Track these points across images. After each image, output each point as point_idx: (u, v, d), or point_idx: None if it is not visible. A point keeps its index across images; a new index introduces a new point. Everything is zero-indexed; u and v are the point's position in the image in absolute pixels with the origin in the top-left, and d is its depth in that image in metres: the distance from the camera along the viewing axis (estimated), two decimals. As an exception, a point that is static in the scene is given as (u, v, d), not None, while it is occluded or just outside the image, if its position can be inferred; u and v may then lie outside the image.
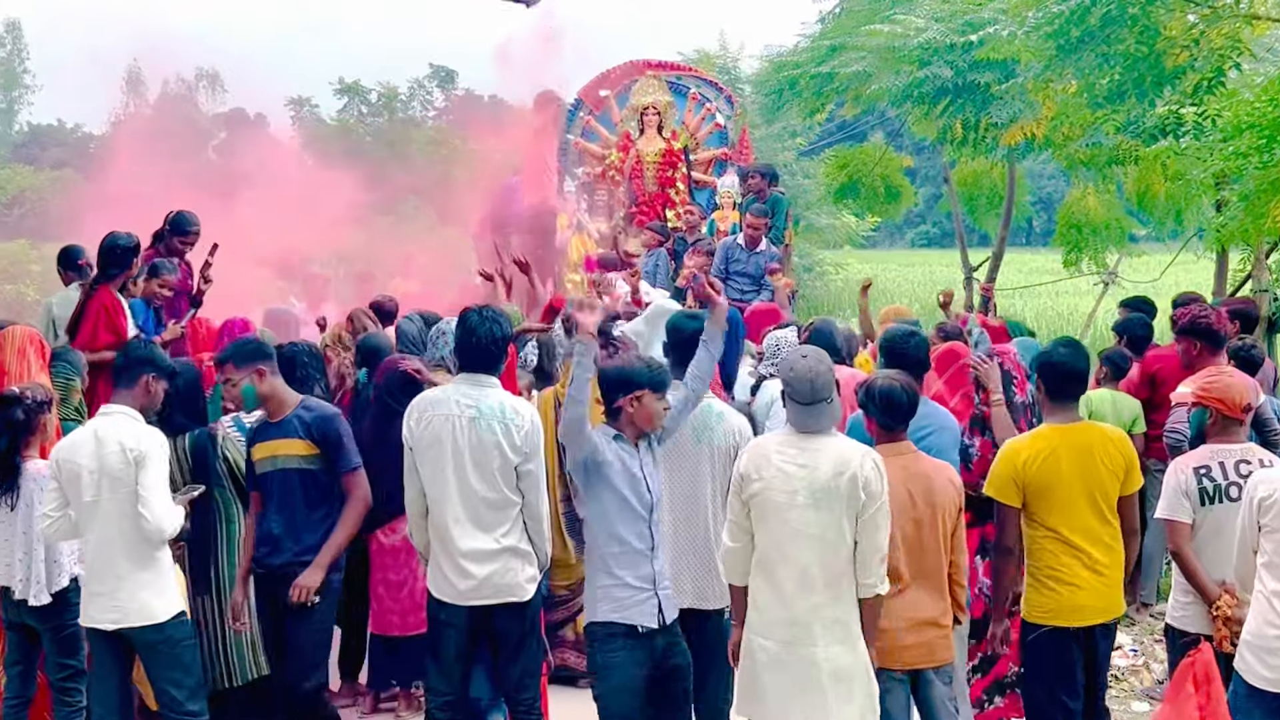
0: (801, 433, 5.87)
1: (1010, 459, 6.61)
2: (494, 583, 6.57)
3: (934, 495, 6.22)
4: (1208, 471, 6.71)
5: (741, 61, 37.76)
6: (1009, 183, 21.60)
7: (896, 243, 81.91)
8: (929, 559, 6.23)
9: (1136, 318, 11.00)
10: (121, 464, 6.57)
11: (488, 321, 6.67)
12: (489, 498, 6.57)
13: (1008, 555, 6.61)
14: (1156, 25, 9.58)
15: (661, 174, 16.72)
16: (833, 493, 5.74)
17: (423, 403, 6.74)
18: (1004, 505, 6.59)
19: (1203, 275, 20.43)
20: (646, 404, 6.30)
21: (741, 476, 5.91)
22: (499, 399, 6.66)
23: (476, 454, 6.54)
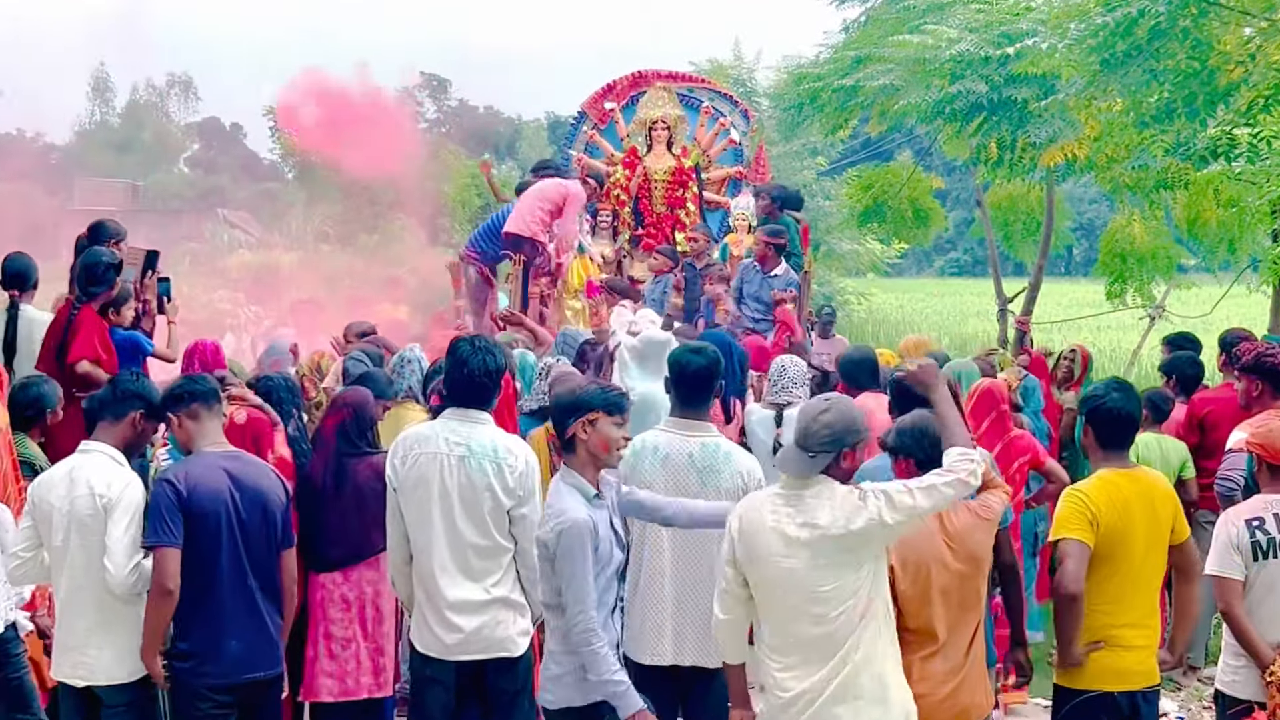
0: (797, 480, 5.72)
1: (1083, 500, 6.47)
2: (483, 636, 6.53)
3: (971, 550, 6.16)
4: (1261, 524, 6.69)
5: (757, 73, 37.85)
6: (1047, 207, 21.60)
7: (924, 270, 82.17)
8: (969, 615, 6.19)
9: (1185, 356, 10.98)
10: (89, 509, 6.52)
11: (480, 352, 6.63)
12: (478, 544, 6.54)
13: (1075, 602, 6.41)
14: (1209, 39, 9.60)
15: (671, 194, 16.72)
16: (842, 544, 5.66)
17: (408, 439, 6.70)
18: (1077, 545, 6.45)
19: (1257, 310, 20.46)
20: (601, 428, 6.14)
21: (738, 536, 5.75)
22: (491, 436, 6.63)
23: (466, 496, 6.51)
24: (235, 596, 6.57)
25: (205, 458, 6.61)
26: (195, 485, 6.45)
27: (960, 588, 6.12)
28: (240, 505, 6.55)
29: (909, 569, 5.98)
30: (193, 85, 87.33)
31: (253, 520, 6.60)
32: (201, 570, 6.48)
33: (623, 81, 17.76)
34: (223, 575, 6.53)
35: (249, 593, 6.62)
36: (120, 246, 10.27)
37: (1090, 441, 6.71)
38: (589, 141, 17.58)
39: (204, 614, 6.52)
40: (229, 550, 6.53)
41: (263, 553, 6.68)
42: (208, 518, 6.45)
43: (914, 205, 23.26)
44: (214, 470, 6.55)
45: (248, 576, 6.60)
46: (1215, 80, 9.63)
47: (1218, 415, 9.67)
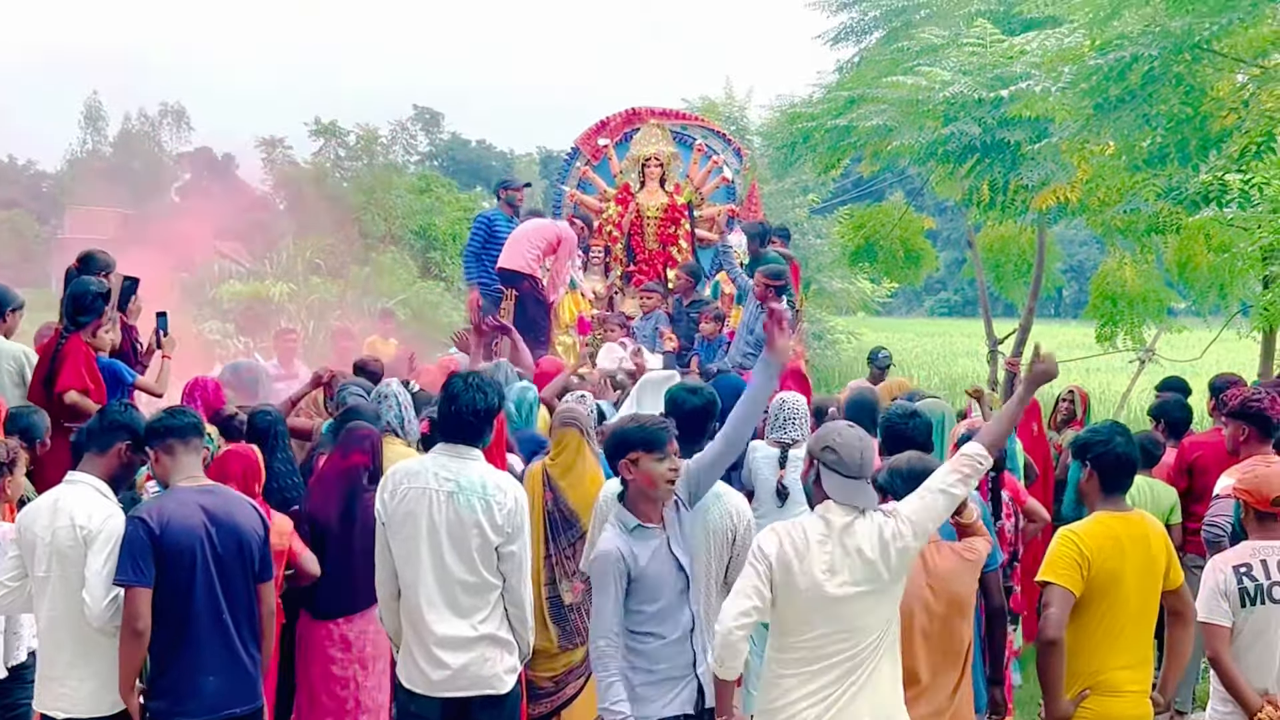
0: (840, 508, 5.74)
1: (1074, 543, 6.50)
2: (470, 673, 6.51)
3: (953, 592, 6.20)
4: (1249, 570, 6.70)
5: (750, 111, 37.99)
6: (1039, 249, 21.64)
7: (914, 310, 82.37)
8: (950, 658, 6.20)
9: (1174, 400, 10.99)
10: (70, 541, 6.48)
11: (472, 390, 6.62)
12: (466, 580, 6.53)
13: (1055, 649, 6.43)
14: (1202, 85, 9.64)
15: (663, 230, 16.71)
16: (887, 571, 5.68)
17: (398, 474, 6.69)
18: (1061, 592, 6.47)
19: (1246, 355, 20.50)
20: (644, 467, 6.20)
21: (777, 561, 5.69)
22: (481, 473, 6.62)
23: (454, 532, 6.50)
24: (211, 632, 6.53)
25: (180, 493, 6.58)
26: (169, 521, 6.41)
27: (943, 631, 6.14)
28: (216, 540, 6.51)
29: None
30: (185, 115, 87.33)
31: (229, 554, 6.56)
32: (176, 607, 6.44)
33: (616, 118, 17.79)
34: (198, 611, 6.49)
35: (225, 628, 6.57)
36: (109, 278, 10.27)
37: (1092, 486, 6.71)
38: (582, 177, 17.60)
39: (180, 651, 6.48)
40: (204, 586, 6.49)
41: (240, 587, 6.64)
42: (182, 554, 6.41)
43: (905, 245, 23.29)
44: (188, 506, 6.51)
45: (223, 612, 6.56)
46: (1207, 126, 9.67)
47: (1207, 460, 9.68)
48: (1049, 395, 14.62)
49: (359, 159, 37.14)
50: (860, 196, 35.01)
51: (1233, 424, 8.69)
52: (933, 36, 15.46)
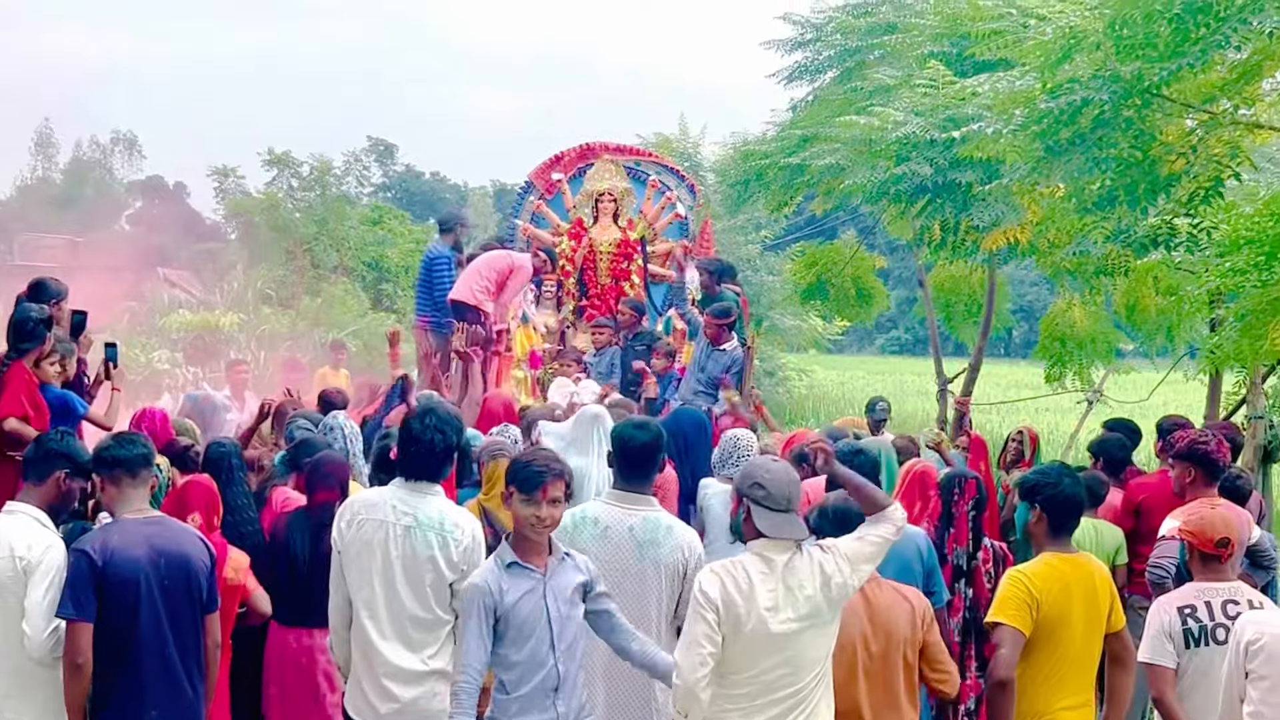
0: (777, 541, 5.78)
1: (1024, 584, 6.59)
2: (419, 708, 6.51)
3: (891, 628, 6.23)
4: (1193, 611, 6.75)
5: (704, 148, 38.07)
6: (989, 289, 21.72)
7: (865, 348, 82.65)
8: (891, 696, 6.23)
9: (1114, 439, 11.06)
10: (9, 571, 6.44)
11: (430, 429, 6.63)
12: (418, 616, 6.52)
13: (1005, 689, 6.52)
14: (1152, 130, 9.70)
15: (616, 266, 16.78)
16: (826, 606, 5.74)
17: (356, 504, 6.70)
18: (1012, 632, 6.53)
19: (1194, 397, 20.60)
20: (514, 504, 6.12)
21: (722, 604, 5.70)
22: (440, 508, 6.63)
23: (409, 566, 6.50)
24: (155, 665, 6.49)
25: (125, 525, 6.55)
26: (112, 554, 6.37)
27: (883, 669, 6.20)
28: (162, 571, 6.48)
29: (835, 648, 6.03)
30: (137, 143, 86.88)
31: (175, 586, 6.53)
32: (119, 640, 6.41)
33: (570, 153, 17.84)
34: (142, 645, 6.45)
35: (170, 661, 6.54)
36: (61, 306, 10.20)
37: (1040, 527, 6.78)
38: (535, 211, 17.63)
39: (123, 684, 6.44)
40: (148, 618, 6.45)
41: (186, 619, 6.61)
42: (125, 587, 6.37)
43: (857, 283, 23.32)
44: (133, 537, 6.48)
45: (168, 644, 6.53)
46: (1157, 170, 9.73)
47: (1153, 501, 9.74)
48: (998, 435, 14.70)
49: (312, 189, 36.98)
50: (812, 234, 35.10)
51: (1179, 466, 8.77)
52: (886, 77, 15.52)
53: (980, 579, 8.14)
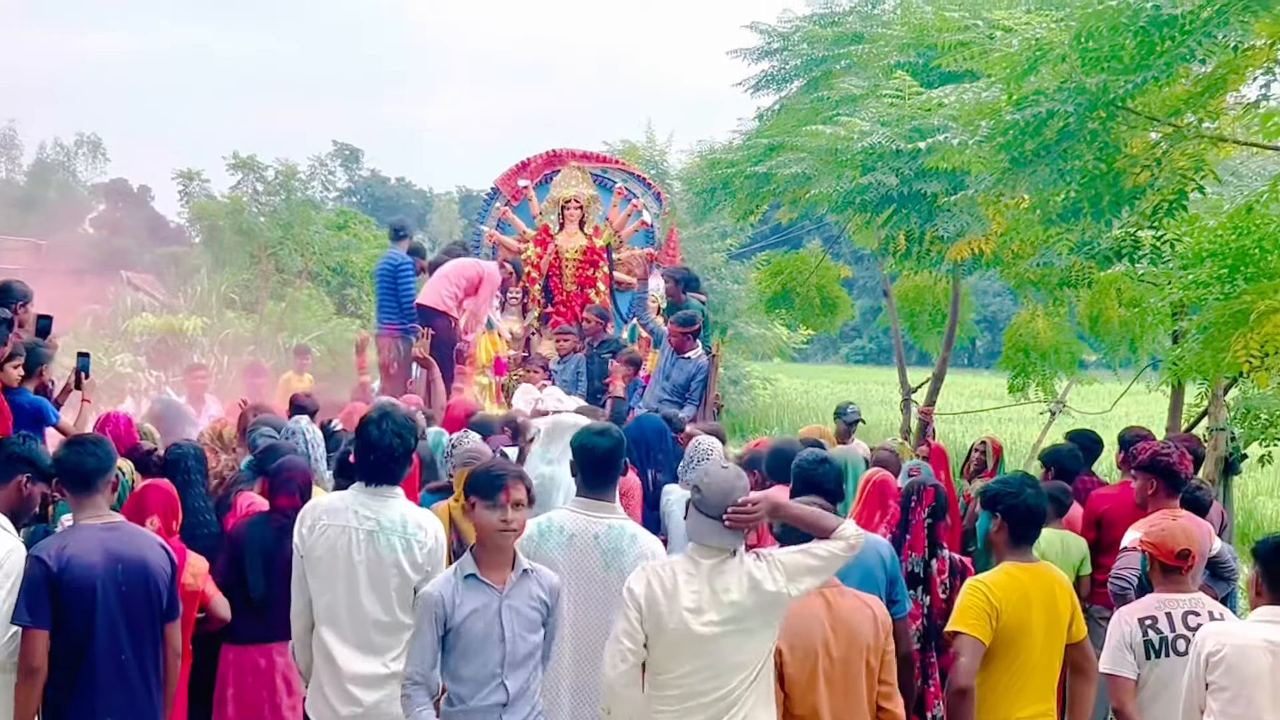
0: (707, 548, 5.80)
1: (984, 593, 6.61)
2: (380, 711, 6.49)
3: (854, 633, 6.23)
4: (1154, 623, 6.78)
5: (670, 156, 38.10)
6: (953, 300, 21.79)
7: (830, 357, 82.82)
8: (851, 702, 6.23)
9: (1066, 448, 11.07)
10: None
11: (388, 434, 6.61)
12: (381, 620, 6.52)
13: (965, 698, 6.54)
14: (1117, 142, 9.74)
15: (581, 273, 16.76)
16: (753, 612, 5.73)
17: (317, 509, 6.67)
18: (971, 641, 6.55)
19: (1156, 408, 20.69)
20: (478, 513, 6.09)
21: (645, 601, 5.75)
22: (401, 511, 6.63)
23: (374, 571, 6.49)
24: (111, 673, 6.43)
25: (83, 531, 6.48)
26: (70, 560, 6.30)
27: (844, 674, 6.19)
28: (120, 578, 6.41)
29: (797, 653, 6.09)
30: (101, 146, 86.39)
31: (134, 593, 6.47)
32: (75, 647, 6.35)
33: (537, 159, 17.83)
34: (98, 652, 6.38)
35: (126, 669, 6.47)
36: (27, 309, 10.15)
37: (1001, 537, 6.80)
38: (501, 218, 17.60)
39: (78, 691, 6.38)
40: (105, 626, 6.38)
41: (144, 627, 6.54)
42: (81, 594, 6.30)
43: (821, 293, 23.35)
44: (90, 544, 6.41)
45: (124, 651, 6.45)
46: (1121, 182, 9.76)
47: (1115, 513, 9.76)
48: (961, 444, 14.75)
49: (277, 194, 36.79)
50: (778, 243, 35.12)
51: (1142, 477, 8.80)
52: (852, 87, 15.58)
53: (935, 587, 8.15)
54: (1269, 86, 9.85)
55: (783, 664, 6.05)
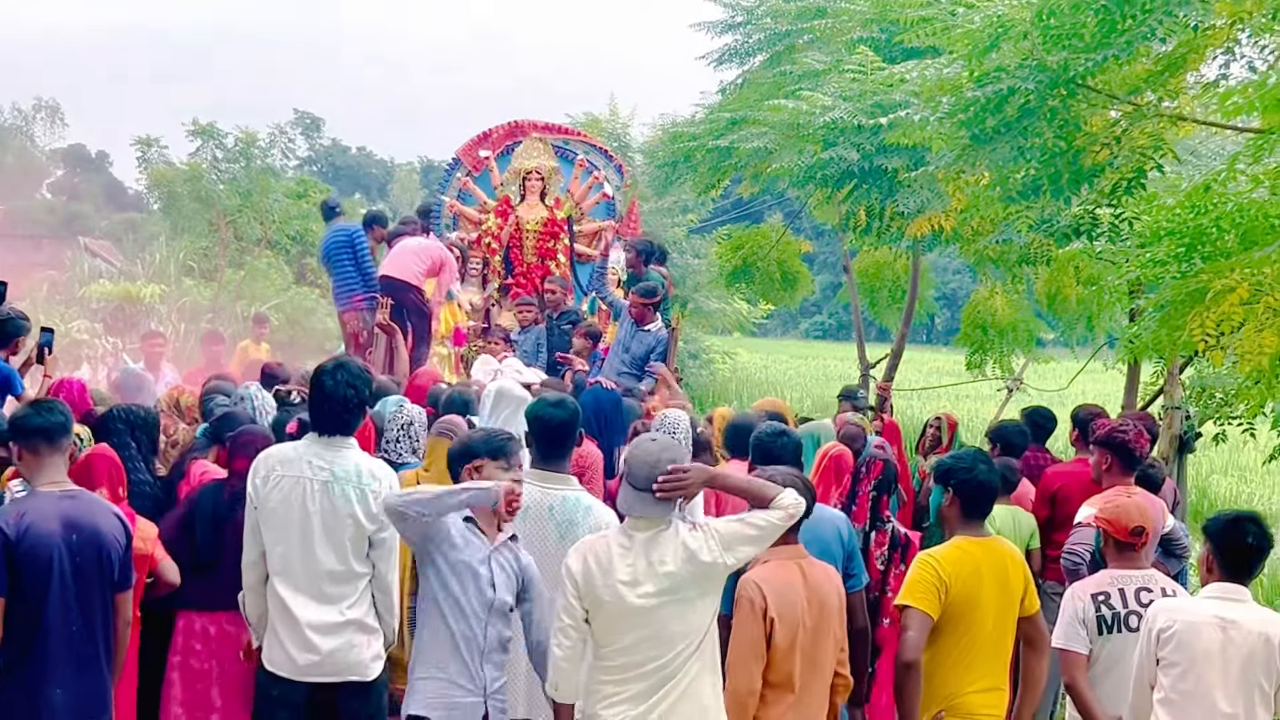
0: (641, 520, 5.83)
1: (933, 568, 6.62)
2: (337, 659, 6.52)
3: (824, 603, 6.27)
4: (1106, 599, 6.82)
5: (632, 128, 38.01)
6: (913, 276, 21.87)
7: (789, 332, 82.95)
8: (819, 670, 6.27)
9: (1014, 425, 11.13)
10: None
11: (342, 385, 6.62)
12: (335, 570, 6.54)
13: (911, 671, 6.55)
14: (1077, 119, 9.75)
15: (542, 244, 16.75)
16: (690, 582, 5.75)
17: (270, 460, 6.67)
18: (919, 615, 6.58)
19: (1112, 386, 20.85)
20: (486, 474, 6.32)
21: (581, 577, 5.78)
22: (355, 461, 6.65)
23: (329, 522, 6.51)
24: (62, 644, 6.38)
25: (41, 499, 6.42)
26: (27, 530, 6.25)
27: (814, 642, 6.22)
28: (74, 547, 6.36)
29: (785, 622, 6.13)
30: (60, 110, 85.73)
31: (87, 563, 6.41)
32: (28, 617, 6.29)
33: (499, 130, 17.78)
34: (50, 622, 6.33)
35: (77, 639, 6.43)
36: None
37: (954, 512, 6.82)
38: (462, 188, 17.56)
39: (29, 661, 6.32)
40: (58, 596, 6.33)
41: (95, 597, 6.49)
42: (38, 563, 6.25)
43: (782, 268, 23.41)
44: (48, 512, 6.35)
45: (74, 622, 6.40)
46: (1081, 160, 9.78)
47: (1069, 489, 9.81)
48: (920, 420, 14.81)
49: (236, 161, 36.54)
50: (739, 218, 35.18)
51: (1098, 452, 8.85)
52: (815, 62, 15.56)
53: (872, 560, 8.18)
54: (1228, 66, 9.90)
55: (772, 633, 6.08)
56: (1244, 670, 6.15)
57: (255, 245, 37.15)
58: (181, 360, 20.29)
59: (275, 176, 38.53)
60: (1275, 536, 7.27)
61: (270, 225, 36.56)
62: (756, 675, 6.09)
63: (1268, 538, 6.38)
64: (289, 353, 18.53)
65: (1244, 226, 8.76)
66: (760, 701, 6.14)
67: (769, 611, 6.06)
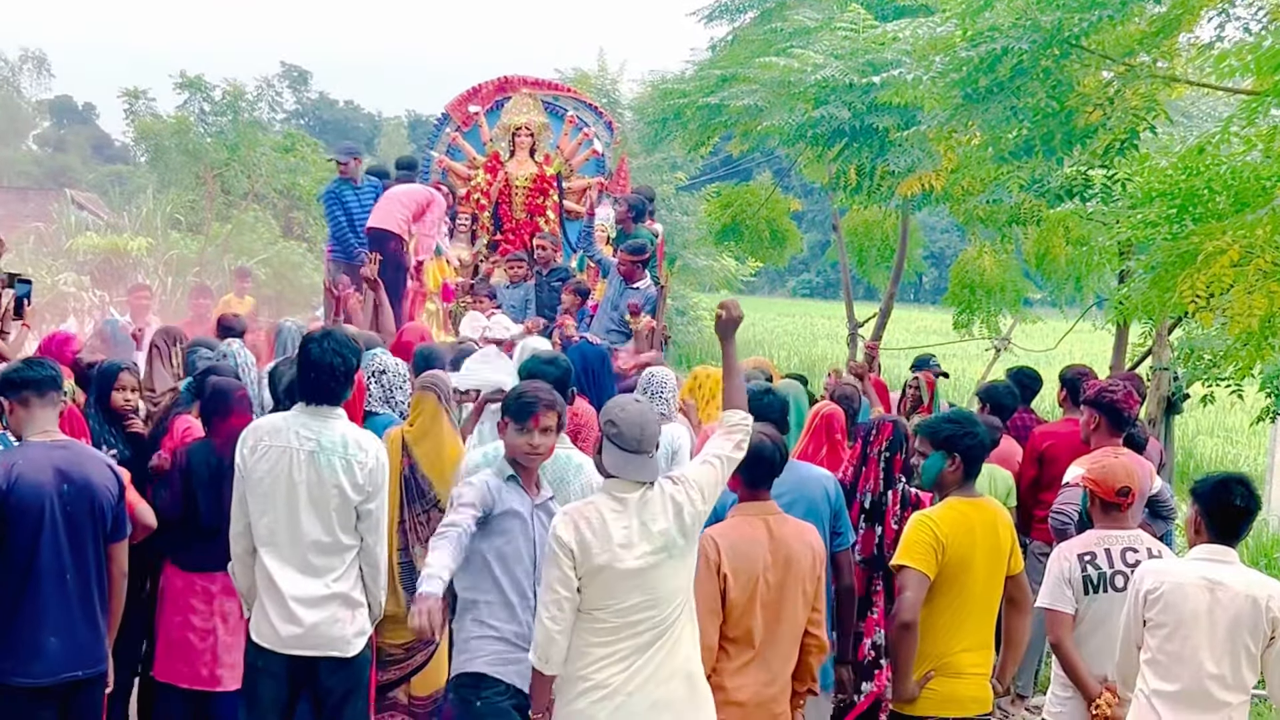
0: (628, 482, 5.81)
1: (930, 528, 6.61)
2: (319, 633, 6.50)
3: (792, 559, 6.26)
4: (1093, 559, 6.84)
5: (622, 85, 37.94)
6: (901, 235, 21.85)
7: (777, 290, 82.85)
8: (784, 626, 6.27)
9: (1004, 385, 11.08)
10: None
11: (329, 353, 6.57)
12: (321, 541, 6.52)
13: (909, 631, 6.56)
14: (1070, 80, 9.76)
15: (531, 201, 16.65)
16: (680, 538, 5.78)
17: (258, 430, 6.65)
18: (917, 575, 6.57)
19: (1100, 347, 20.83)
20: (508, 434, 6.28)
21: (577, 547, 5.70)
22: (342, 431, 6.62)
23: (315, 493, 6.49)
24: (55, 592, 6.39)
25: (32, 449, 6.44)
26: (18, 478, 6.27)
27: (779, 599, 6.23)
28: (66, 496, 6.38)
29: (740, 578, 6.13)
30: (46, 61, 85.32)
31: (80, 513, 6.43)
32: (20, 565, 6.31)
33: (488, 85, 17.67)
34: (42, 570, 6.35)
35: (69, 588, 6.44)
36: None
37: (956, 476, 6.78)
38: (451, 144, 17.46)
39: (22, 610, 6.34)
40: (50, 545, 6.35)
41: (89, 547, 6.50)
42: (29, 512, 6.27)
43: (771, 225, 23.39)
44: (39, 462, 6.37)
45: (68, 571, 6.42)
46: (1073, 121, 9.79)
47: (1057, 449, 9.83)
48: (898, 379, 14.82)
49: (224, 114, 36.47)
50: (728, 175, 35.15)
51: (1087, 412, 8.85)
52: (806, 19, 15.55)
53: (889, 519, 8.17)
54: (1223, 28, 9.89)
55: (726, 588, 6.09)
56: (1231, 631, 6.17)
57: (242, 199, 37.10)
58: (168, 313, 20.25)
59: (263, 130, 38.45)
60: (1262, 498, 7.29)
61: (257, 179, 36.51)
62: (711, 630, 6.09)
63: (1255, 499, 6.39)
64: (275, 307, 18.47)
65: (1236, 189, 8.76)
66: (722, 654, 6.17)
67: (722, 567, 6.08)
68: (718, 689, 6.08)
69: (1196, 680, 6.18)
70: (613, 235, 15.51)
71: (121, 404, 8.47)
